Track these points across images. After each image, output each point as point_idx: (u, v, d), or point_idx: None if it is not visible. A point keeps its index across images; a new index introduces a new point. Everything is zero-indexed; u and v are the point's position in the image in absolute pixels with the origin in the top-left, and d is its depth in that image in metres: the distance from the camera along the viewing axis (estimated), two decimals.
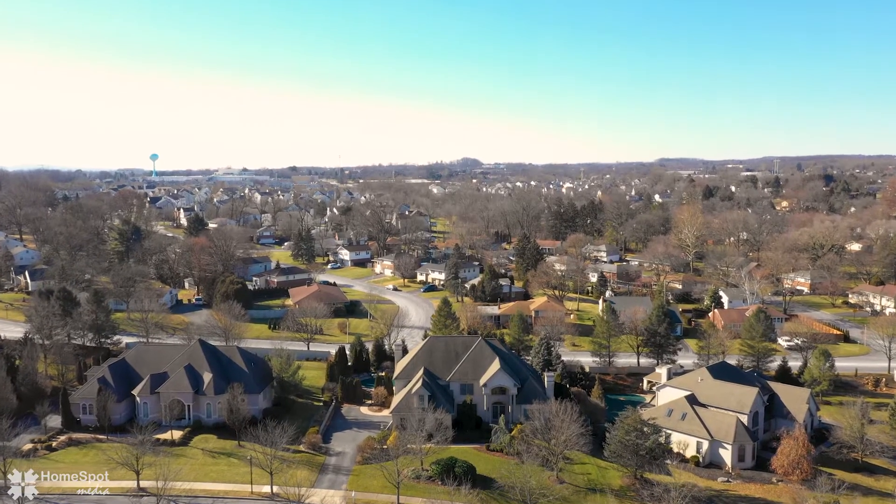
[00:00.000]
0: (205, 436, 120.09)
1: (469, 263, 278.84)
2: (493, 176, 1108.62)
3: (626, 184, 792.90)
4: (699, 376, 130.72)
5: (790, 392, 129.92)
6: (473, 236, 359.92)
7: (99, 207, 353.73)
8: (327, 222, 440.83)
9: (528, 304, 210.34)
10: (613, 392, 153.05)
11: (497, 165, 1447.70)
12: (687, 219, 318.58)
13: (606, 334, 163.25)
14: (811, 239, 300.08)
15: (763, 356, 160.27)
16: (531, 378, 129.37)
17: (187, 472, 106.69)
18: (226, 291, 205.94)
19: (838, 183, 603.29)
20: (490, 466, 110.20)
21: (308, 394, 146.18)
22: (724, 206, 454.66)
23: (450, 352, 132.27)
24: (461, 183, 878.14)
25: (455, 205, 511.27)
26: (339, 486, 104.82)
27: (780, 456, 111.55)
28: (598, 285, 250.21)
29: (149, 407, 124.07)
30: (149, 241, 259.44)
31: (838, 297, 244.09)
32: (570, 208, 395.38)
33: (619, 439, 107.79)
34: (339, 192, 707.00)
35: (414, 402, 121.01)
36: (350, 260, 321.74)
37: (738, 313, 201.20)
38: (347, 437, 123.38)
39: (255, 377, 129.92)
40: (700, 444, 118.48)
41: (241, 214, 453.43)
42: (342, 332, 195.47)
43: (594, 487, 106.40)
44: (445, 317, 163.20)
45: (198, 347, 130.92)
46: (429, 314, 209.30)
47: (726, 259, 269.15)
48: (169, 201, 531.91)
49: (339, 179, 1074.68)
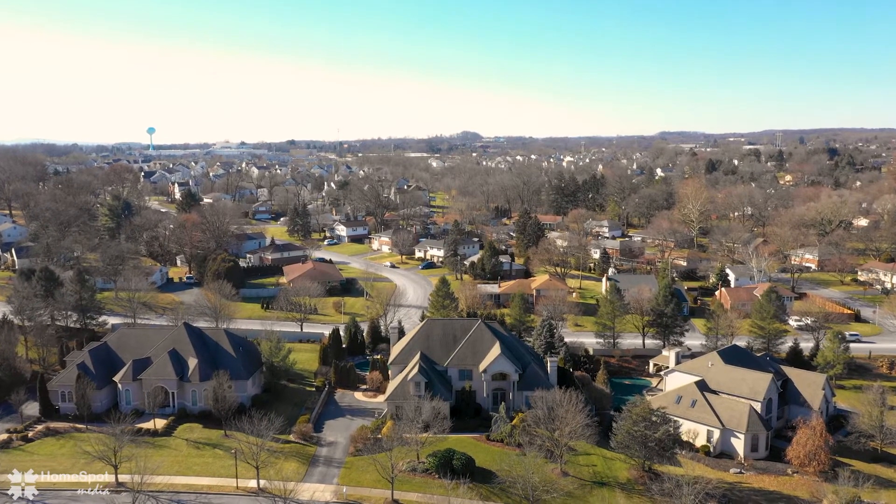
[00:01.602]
0: (189, 425, 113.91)
1: (468, 239, 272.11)
2: (493, 149, 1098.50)
3: (628, 157, 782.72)
4: (709, 361, 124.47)
5: (805, 377, 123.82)
6: (473, 211, 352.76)
7: (90, 182, 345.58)
8: (324, 197, 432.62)
9: (529, 283, 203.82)
10: (618, 375, 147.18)
11: (497, 139, 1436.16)
12: (691, 193, 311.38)
13: (611, 315, 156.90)
14: (818, 214, 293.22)
15: (774, 337, 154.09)
16: (533, 363, 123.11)
17: (169, 465, 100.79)
18: (217, 270, 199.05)
19: (843, 157, 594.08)
20: (490, 458, 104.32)
21: (300, 378, 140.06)
22: (727, 180, 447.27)
23: (448, 335, 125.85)
24: (461, 157, 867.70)
25: (454, 179, 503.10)
26: (330, 480, 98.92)
27: (796, 446, 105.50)
28: (601, 262, 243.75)
29: (131, 394, 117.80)
30: (139, 218, 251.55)
31: (847, 274, 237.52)
32: (571, 182, 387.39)
33: (626, 430, 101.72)
34: (337, 166, 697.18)
35: (410, 389, 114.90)
36: (347, 236, 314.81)
37: (746, 292, 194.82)
38: (340, 426, 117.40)
39: (243, 362, 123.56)
40: (711, 432, 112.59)
41: (237, 189, 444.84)
42: (337, 312, 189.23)
43: (600, 481, 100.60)
44: (444, 297, 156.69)
45: (183, 331, 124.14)
46: (427, 292, 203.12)
47: (732, 235, 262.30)
48: (164, 176, 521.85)
49: (337, 153, 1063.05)
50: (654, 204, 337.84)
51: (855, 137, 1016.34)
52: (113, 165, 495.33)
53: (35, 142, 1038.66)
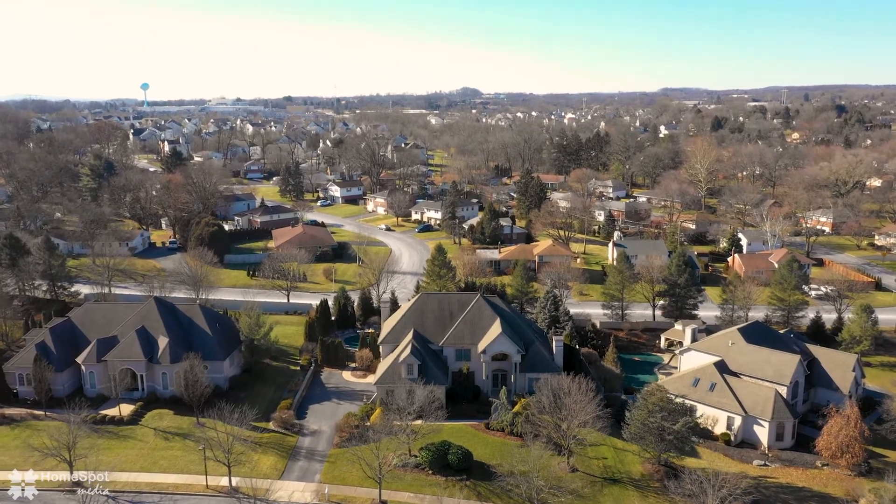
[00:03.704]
0: (159, 411, 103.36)
1: (467, 201, 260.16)
2: (493, 106, 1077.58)
3: (630, 114, 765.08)
4: (730, 339, 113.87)
5: (833, 357, 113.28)
6: (472, 170, 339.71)
7: (71, 141, 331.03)
8: (319, 155, 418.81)
9: (530, 248, 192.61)
10: (627, 351, 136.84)
11: (497, 95, 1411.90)
12: (700, 151, 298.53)
13: (620, 285, 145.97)
14: (832, 174, 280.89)
15: (794, 310, 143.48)
16: (537, 342, 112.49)
17: (133, 460, 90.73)
18: (200, 234, 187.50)
19: (852, 114, 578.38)
20: (490, 450, 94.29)
21: (285, 355, 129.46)
22: (733, 138, 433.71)
23: (444, 311, 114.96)
24: (460, 114, 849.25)
25: (453, 136, 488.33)
26: (311, 477, 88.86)
27: (827, 436, 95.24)
28: (606, 225, 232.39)
29: (95, 377, 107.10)
30: (118, 178, 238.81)
31: (863, 238, 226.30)
32: (574, 141, 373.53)
33: (641, 420, 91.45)
34: (334, 123, 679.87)
35: (401, 371, 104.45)
36: (341, 197, 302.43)
37: (761, 259, 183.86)
38: (326, 411, 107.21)
39: (219, 341, 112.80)
40: (731, 419, 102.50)
41: (229, 147, 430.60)
42: (328, 280, 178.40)
43: (611, 477, 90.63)
44: (440, 266, 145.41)
45: (153, 307, 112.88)
46: (423, 258, 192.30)
47: (743, 196, 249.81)
48: (154, 133, 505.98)
49: (335, 110, 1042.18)
50: (659, 163, 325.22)
51: (861, 94, 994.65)
52: (97, 122, 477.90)
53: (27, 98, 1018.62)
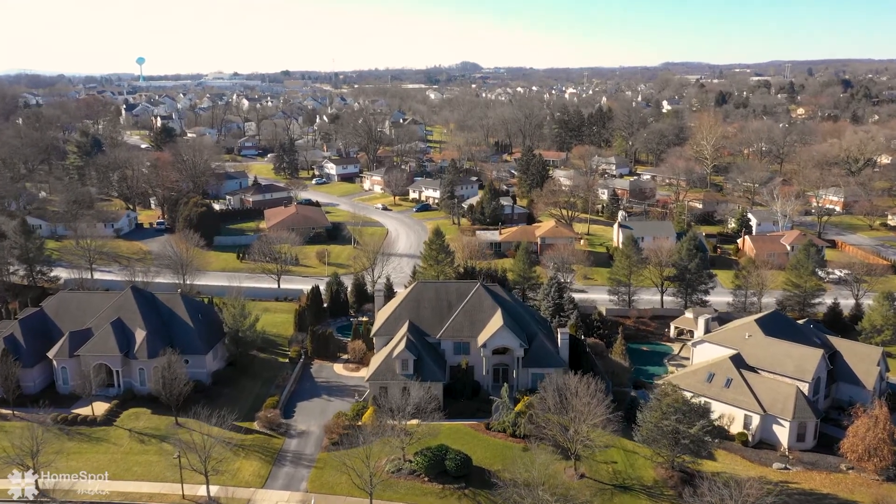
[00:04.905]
0: (136, 410, 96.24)
1: (467, 179, 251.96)
2: (493, 81, 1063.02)
3: (632, 89, 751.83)
4: (746, 331, 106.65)
5: (857, 350, 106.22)
6: (472, 147, 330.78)
7: (58, 117, 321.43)
8: (315, 131, 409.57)
9: (532, 230, 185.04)
10: (634, 340, 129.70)
11: (497, 70, 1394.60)
12: (706, 127, 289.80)
13: (627, 271, 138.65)
14: (842, 151, 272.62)
15: (811, 296, 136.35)
16: (540, 333, 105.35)
17: (105, 466, 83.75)
18: (188, 215, 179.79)
19: (858, 89, 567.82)
20: (490, 454, 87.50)
21: (273, 346, 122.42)
22: (738, 113, 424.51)
23: (441, 301, 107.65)
24: (460, 88, 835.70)
25: (453, 112, 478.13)
26: (297, 485, 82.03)
27: (853, 438, 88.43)
28: (610, 204, 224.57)
29: (68, 373, 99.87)
30: (103, 157, 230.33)
31: (876, 217, 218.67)
32: (576, 116, 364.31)
33: (654, 423, 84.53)
34: (331, 98, 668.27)
35: (396, 367, 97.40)
36: (337, 174, 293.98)
37: (772, 241, 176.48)
38: (315, 409, 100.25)
39: (201, 333, 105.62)
40: (749, 418, 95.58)
41: (223, 123, 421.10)
42: (321, 263, 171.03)
43: (622, 484, 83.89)
44: (438, 250, 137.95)
45: (129, 297, 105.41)
46: (421, 239, 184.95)
47: (751, 174, 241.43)
48: (147, 109, 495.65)
49: (333, 84, 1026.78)
50: (664, 140, 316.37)
51: (864, 69, 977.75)
52: (86, 97, 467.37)
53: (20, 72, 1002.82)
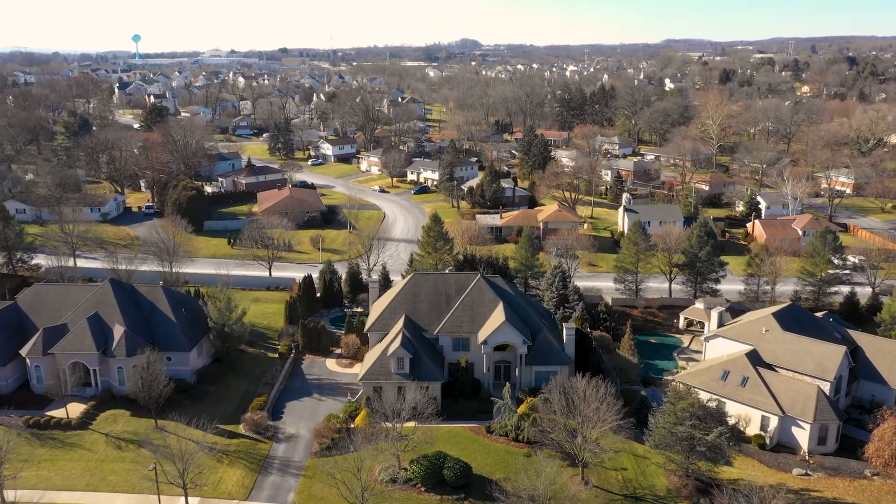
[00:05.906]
0: (114, 412, 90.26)
1: (466, 160, 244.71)
2: (493, 58, 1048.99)
3: (634, 67, 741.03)
4: (762, 326, 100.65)
5: (880, 346, 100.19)
6: (472, 126, 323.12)
7: (47, 96, 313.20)
8: (312, 110, 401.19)
9: (534, 214, 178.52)
10: (642, 331, 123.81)
11: (497, 47, 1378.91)
12: (711, 105, 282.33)
13: (635, 258, 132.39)
14: (852, 131, 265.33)
15: (827, 285, 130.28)
16: (545, 328, 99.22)
17: (78, 475, 78.10)
18: (177, 199, 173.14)
19: (864, 66, 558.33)
20: (492, 460, 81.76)
21: (263, 339, 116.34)
22: (742, 91, 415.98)
23: (439, 294, 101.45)
24: (459, 66, 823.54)
25: (452, 90, 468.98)
26: (283, 496, 76.26)
27: (879, 442, 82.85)
28: (614, 186, 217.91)
29: (42, 372, 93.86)
30: (89, 138, 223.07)
31: (888, 200, 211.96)
32: (578, 95, 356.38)
33: (667, 428, 78.72)
34: (330, 76, 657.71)
35: (391, 366, 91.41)
36: (333, 155, 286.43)
37: (783, 225, 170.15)
38: (305, 410, 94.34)
39: (185, 329, 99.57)
40: (766, 419, 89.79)
41: (218, 101, 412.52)
42: (315, 249, 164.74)
43: (633, 494, 78.21)
44: (436, 238, 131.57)
45: (108, 290, 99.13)
46: (419, 223, 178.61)
47: (758, 154, 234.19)
48: (140, 87, 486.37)
49: (331, 62, 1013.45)
50: (668, 119, 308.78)
51: (868, 45, 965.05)
52: (76, 76, 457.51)
53: (15, 50, 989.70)
